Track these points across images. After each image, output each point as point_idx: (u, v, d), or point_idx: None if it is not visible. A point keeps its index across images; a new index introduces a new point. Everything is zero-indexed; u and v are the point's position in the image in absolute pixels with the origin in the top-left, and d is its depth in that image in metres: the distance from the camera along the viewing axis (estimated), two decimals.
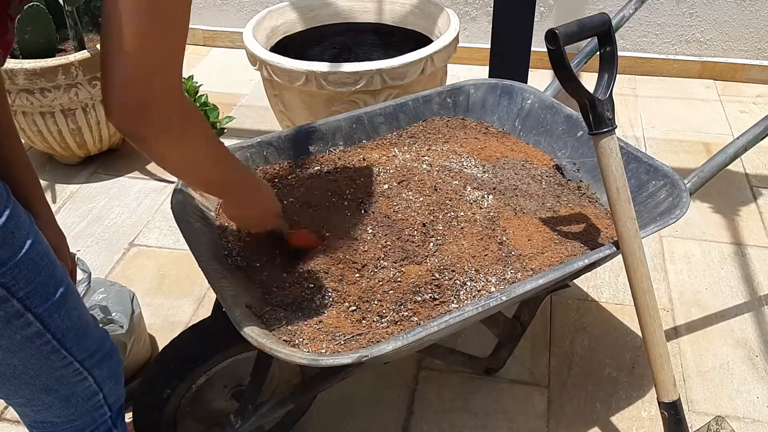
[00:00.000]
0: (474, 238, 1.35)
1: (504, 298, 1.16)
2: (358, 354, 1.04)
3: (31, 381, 0.96)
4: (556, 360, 1.79)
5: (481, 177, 1.53)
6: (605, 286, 2.02)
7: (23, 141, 2.00)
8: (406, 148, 1.64)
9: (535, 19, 2.09)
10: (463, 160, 1.58)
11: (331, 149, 1.63)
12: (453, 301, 1.23)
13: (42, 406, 1.00)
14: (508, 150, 1.64)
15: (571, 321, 1.90)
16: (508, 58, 2.12)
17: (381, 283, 1.24)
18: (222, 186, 1.03)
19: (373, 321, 1.20)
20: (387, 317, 1.20)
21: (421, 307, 1.22)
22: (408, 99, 1.73)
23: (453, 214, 1.40)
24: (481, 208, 1.42)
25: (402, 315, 1.20)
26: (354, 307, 1.22)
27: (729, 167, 1.53)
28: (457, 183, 1.49)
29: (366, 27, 2.62)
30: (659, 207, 1.39)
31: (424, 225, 1.36)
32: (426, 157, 1.57)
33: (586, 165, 1.59)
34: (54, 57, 2.25)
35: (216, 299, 1.33)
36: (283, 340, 1.13)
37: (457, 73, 3.10)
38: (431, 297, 1.23)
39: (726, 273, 2.06)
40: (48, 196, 2.41)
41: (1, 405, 1.71)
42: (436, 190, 1.45)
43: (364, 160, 1.57)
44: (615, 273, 2.05)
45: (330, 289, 1.25)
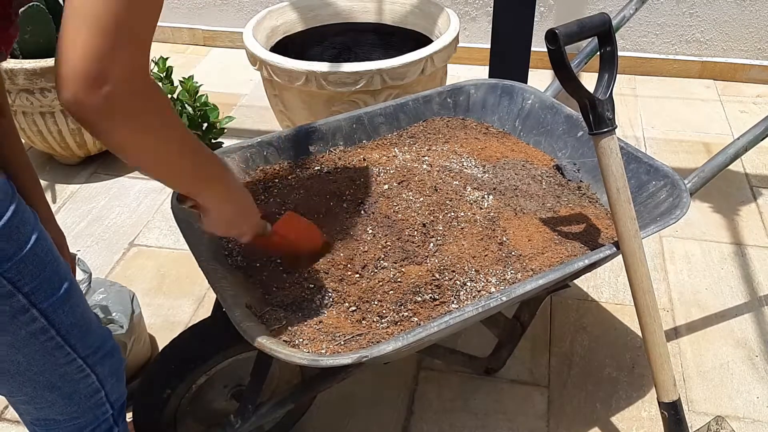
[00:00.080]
0: (474, 238, 1.35)
1: (504, 298, 1.16)
2: (358, 354, 1.04)
3: (35, 378, 0.96)
4: (556, 360, 1.79)
5: (482, 177, 1.53)
6: (605, 286, 2.02)
7: (23, 141, 2.00)
8: (406, 148, 1.64)
9: (535, 19, 2.09)
10: (464, 160, 1.58)
11: (331, 149, 1.63)
12: (453, 302, 1.23)
13: (45, 403, 1.00)
14: (508, 150, 1.64)
15: (571, 321, 1.90)
16: (508, 58, 2.12)
17: (381, 284, 1.24)
18: (194, 180, 0.91)
19: (373, 321, 1.19)
20: (387, 317, 1.20)
21: (421, 308, 1.22)
22: (408, 99, 1.73)
23: (453, 214, 1.40)
24: (482, 208, 1.42)
25: (402, 315, 1.20)
26: (354, 308, 1.22)
27: (729, 167, 1.53)
28: (458, 183, 1.49)
29: (366, 27, 2.62)
30: (659, 207, 1.39)
31: (424, 225, 1.36)
32: (426, 158, 1.57)
33: (586, 165, 1.59)
34: (54, 57, 2.25)
35: (216, 299, 1.33)
36: (283, 340, 1.13)
37: (457, 73, 3.10)
38: (431, 297, 1.23)
39: (726, 273, 2.06)
40: (48, 196, 2.41)
41: (1, 405, 1.71)
42: (436, 190, 1.45)
43: (364, 160, 1.56)
44: (615, 273, 2.05)
45: (330, 290, 1.25)
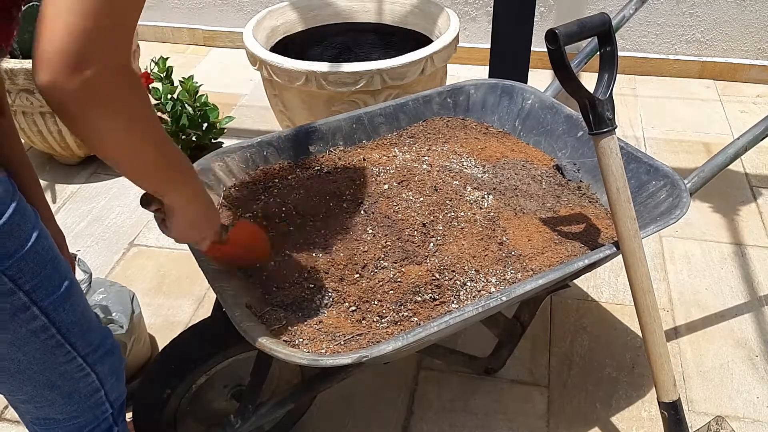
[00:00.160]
0: (474, 238, 1.35)
1: (504, 298, 1.16)
2: (358, 354, 1.04)
3: (35, 376, 0.96)
4: (556, 360, 1.79)
5: (482, 177, 1.53)
6: (605, 286, 2.02)
7: (23, 141, 2.00)
8: (406, 148, 1.64)
9: (535, 19, 2.09)
10: (464, 160, 1.58)
11: (331, 149, 1.63)
12: (453, 302, 1.23)
13: (45, 402, 1.00)
14: (508, 150, 1.64)
15: (571, 321, 1.90)
16: (508, 58, 2.12)
17: (381, 284, 1.24)
18: (165, 177, 0.88)
19: (373, 321, 1.19)
20: (387, 317, 1.20)
21: (421, 308, 1.22)
22: (408, 99, 1.73)
23: (453, 214, 1.40)
24: (481, 208, 1.42)
25: (402, 315, 1.20)
26: (354, 308, 1.22)
27: (729, 167, 1.53)
28: (457, 183, 1.49)
29: (366, 27, 2.62)
30: (659, 207, 1.39)
31: (424, 225, 1.36)
32: (426, 158, 1.57)
33: (586, 165, 1.59)
34: None
35: (216, 299, 1.33)
36: (283, 340, 1.13)
37: (457, 73, 3.10)
38: (431, 297, 1.23)
39: (726, 273, 2.06)
40: (48, 196, 2.41)
41: (1, 405, 1.71)
42: (436, 190, 1.45)
43: (364, 160, 1.56)
44: (615, 273, 2.05)
45: (330, 290, 1.25)
